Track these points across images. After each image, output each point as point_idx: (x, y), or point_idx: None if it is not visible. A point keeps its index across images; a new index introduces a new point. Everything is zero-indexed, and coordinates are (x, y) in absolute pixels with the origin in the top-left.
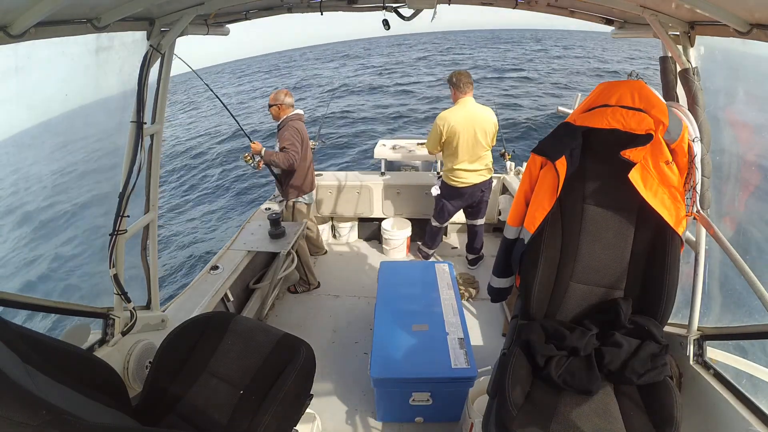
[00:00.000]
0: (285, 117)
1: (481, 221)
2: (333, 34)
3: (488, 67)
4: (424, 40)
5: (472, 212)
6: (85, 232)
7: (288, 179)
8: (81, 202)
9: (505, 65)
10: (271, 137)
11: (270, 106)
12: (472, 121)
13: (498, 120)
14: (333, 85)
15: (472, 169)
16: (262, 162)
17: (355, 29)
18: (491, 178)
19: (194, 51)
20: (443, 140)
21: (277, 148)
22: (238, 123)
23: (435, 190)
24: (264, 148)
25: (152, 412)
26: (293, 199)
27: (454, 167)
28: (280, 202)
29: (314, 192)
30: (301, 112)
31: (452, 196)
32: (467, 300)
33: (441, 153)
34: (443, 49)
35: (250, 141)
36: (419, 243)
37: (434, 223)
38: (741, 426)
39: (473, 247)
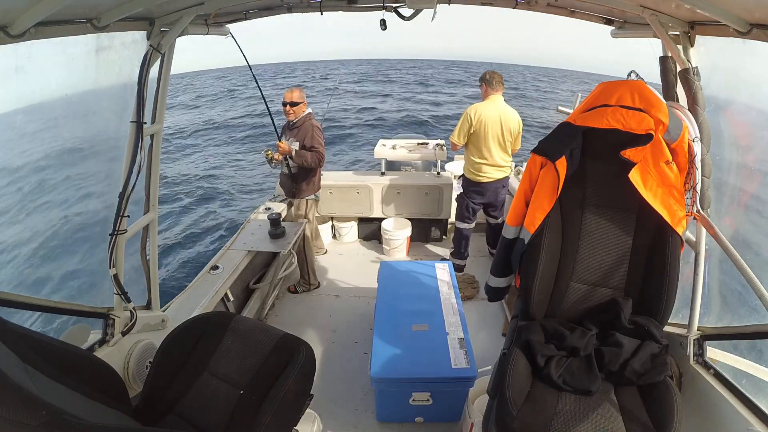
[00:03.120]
0: (303, 115)
1: (503, 218)
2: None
3: None
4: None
5: (494, 210)
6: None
7: (305, 178)
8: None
9: None
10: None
11: (295, 104)
12: (501, 117)
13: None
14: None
15: (495, 164)
16: (279, 159)
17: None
18: (509, 175)
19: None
20: (471, 131)
21: (295, 146)
22: (273, 121)
23: (458, 189)
24: (293, 149)
25: (152, 412)
26: (306, 197)
27: (479, 162)
28: (284, 200)
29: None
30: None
31: (474, 192)
32: (467, 300)
33: (464, 147)
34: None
35: (279, 140)
36: (450, 257)
37: (459, 226)
38: (741, 426)
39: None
